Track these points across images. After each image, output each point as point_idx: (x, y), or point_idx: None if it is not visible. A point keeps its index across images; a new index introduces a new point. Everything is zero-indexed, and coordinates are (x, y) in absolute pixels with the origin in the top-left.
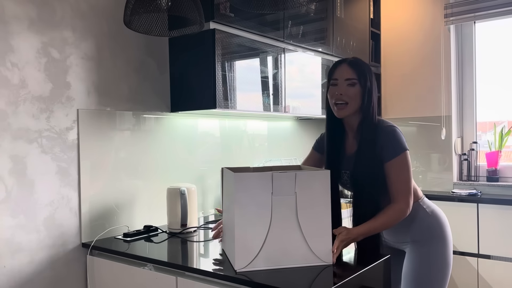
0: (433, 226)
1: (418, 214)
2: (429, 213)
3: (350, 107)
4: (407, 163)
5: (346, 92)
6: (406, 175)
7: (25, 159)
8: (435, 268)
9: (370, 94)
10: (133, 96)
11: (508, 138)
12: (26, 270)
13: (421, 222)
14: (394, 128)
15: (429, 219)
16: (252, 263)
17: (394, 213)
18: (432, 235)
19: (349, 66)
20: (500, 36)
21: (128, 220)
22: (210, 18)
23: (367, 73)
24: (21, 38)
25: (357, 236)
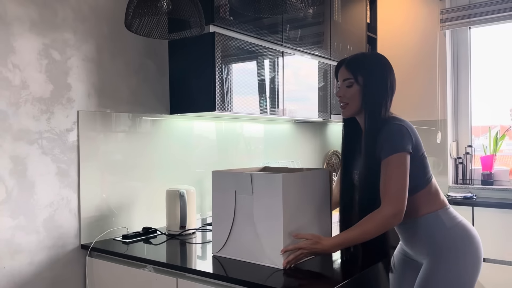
0: (451, 242)
1: (435, 226)
2: (447, 226)
3: (350, 108)
4: (400, 165)
5: (345, 93)
6: (395, 177)
7: (25, 160)
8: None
9: (370, 91)
10: (133, 98)
11: (503, 142)
12: (26, 271)
13: (437, 235)
14: (398, 126)
15: (447, 232)
16: (222, 251)
17: (376, 220)
18: (450, 251)
19: (345, 67)
20: (495, 42)
21: (127, 222)
22: (210, 21)
23: (366, 70)
24: (22, 40)
25: (329, 247)
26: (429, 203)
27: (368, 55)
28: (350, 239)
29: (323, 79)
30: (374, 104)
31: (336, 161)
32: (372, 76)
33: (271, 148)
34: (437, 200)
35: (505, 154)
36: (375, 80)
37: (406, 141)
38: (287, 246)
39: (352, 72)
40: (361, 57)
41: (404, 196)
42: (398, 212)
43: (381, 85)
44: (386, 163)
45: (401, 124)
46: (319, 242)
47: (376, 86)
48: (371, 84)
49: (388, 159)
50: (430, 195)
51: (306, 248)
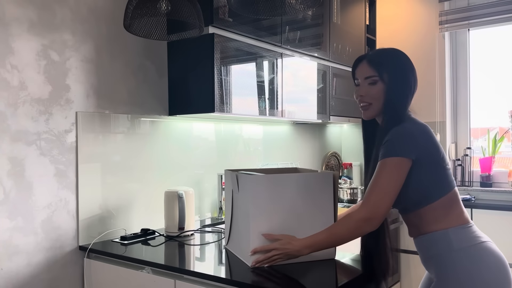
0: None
1: (439, 244)
2: (454, 247)
3: (374, 108)
4: (392, 169)
5: (368, 92)
6: (382, 181)
7: (23, 161)
8: None
9: (395, 90)
10: (132, 99)
11: (502, 144)
12: (24, 272)
13: (441, 255)
14: (407, 129)
15: (451, 254)
16: (229, 244)
17: (347, 223)
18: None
19: (368, 64)
20: (493, 44)
21: (125, 223)
22: (209, 22)
23: (391, 66)
24: (21, 41)
25: (300, 248)
26: (441, 218)
27: (391, 50)
28: (319, 241)
29: (322, 81)
30: (397, 104)
31: (335, 163)
32: (398, 72)
33: (270, 150)
34: (454, 216)
35: (504, 156)
36: (400, 77)
37: (409, 146)
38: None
39: (376, 69)
40: (385, 52)
41: (385, 203)
42: (372, 217)
43: (406, 83)
44: (379, 165)
45: (410, 128)
46: (291, 242)
47: (401, 84)
48: (397, 81)
49: (383, 160)
50: (447, 209)
51: (278, 248)
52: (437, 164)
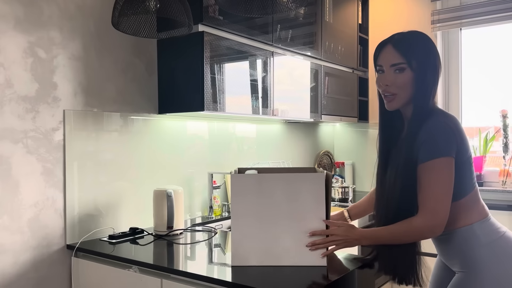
0: (487, 259)
1: (470, 242)
2: (483, 242)
3: (400, 98)
4: (443, 171)
5: (394, 81)
6: (436, 185)
7: (9, 160)
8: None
9: (424, 79)
10: (121, 97)
11: (493, 144)
12: (10, 271)
13: (472, 252)
14: (443, 124)
15: (483, 249)
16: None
17: (408, 227)
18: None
19: (394, 48)
20: (485, 43)
21: (113, 222)
22: (199, 20)
23: (420, 52)
24: (7, 38)
25: (360, 238)
26: (465, 215)
27: (418, 33)
28: (380, 237)
29: (314, 80)
30: (425, 94)
31: (327, 162)
32: (428, 59)
33: (263, 149)
34: (475, 211)
35: (496, 156)
36: (430, 64)
37: (451, 144)
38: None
39: (404, 55)
40: (414, 36)
41: (445, 208)
42: (436, 225)
43: (435, 70)
44: (427, 167)
45: (447, 123)
46: (351, 230)
47: (431, 71)
48: (427, 69)
49: (429, 163)
50: (470, 205)
51: (338, 234)
52: (466, 163)
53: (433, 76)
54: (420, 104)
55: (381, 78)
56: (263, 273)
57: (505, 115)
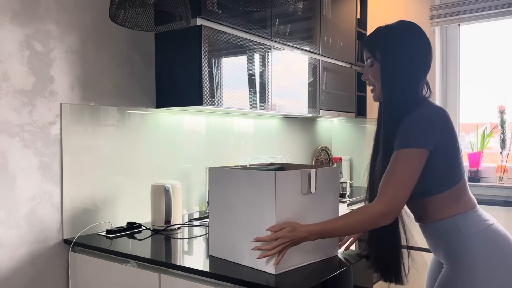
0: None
1: (452, 234)
2: (464, 234)
3: (377, 89)
4: (409, 161)
5: (368, 74)
6: (399, 174)
7: (6, 153)
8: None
9: (388, 68)
10: (118, 91)
11: (490, 140)
12: (6, 266)
13: (455, 243)
14: (423, 117)
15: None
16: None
17: (363, 215)
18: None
19: (364, 45)
20: (483, 39)
21: (111, 216)
22: (197, 14)
23: (383, 43)
24: (3, 30)
25: (307, 234)
26: (450, 206)
27: (389, 26)
28: (330, 230)
29: (313, 75)
30: (392, 84)
31: (325, 157)
32: (390, 49)
33: (260, 144)
34: (460, 203)
35: (493, 151)
36: (394, 53)
37: (426, 136)
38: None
39: (370, 49)
40: (379, 30)
41: (403, 196)
42: (390, 211)
43: (403, 59)
44: (395, 155)
45: (427, 115)
46: (295, 229)
47: (395, 61)
48: (389, 59)
49: (398, 151)
50: (455, 197)
51: (284, 236)
52: (452, 154)
53: (403, 66)
54: (389, 95)
55: (363, 73)
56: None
57: (502, 111)
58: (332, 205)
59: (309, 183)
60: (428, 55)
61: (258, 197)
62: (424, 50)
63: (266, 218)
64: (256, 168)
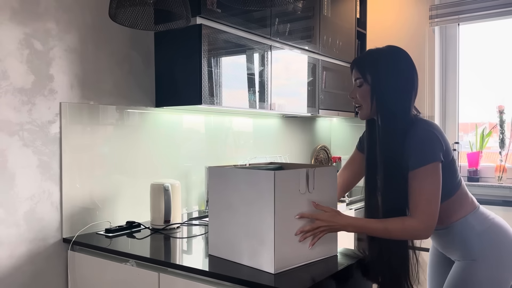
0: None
1: (467, 232)
2: (478, 231)
3: (364, 109)
4: (432, 176)
5: (356, 94)
6: (427, 190)
7: (5, 152)
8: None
9: (380, 90)
10: (117, 90)
11: (489, 139)
12: (6, 264)
13: (470, 241)
14: (427, 133)
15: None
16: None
17: (402, 226)
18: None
19: (355, 65)
20: (483, 39)
21: (110, 215)
22: (197, 13)
23: (375, 67)
24: (2, 29)
25: (346, 225)
26: (458, 209)
27: (381, 50)
28: (370, 229)
29: (312, 74)
30: (387, 105)
31: (324, 156)
32: (382, 73)
33: (260, 143)
34: (466, 204)
35: (492, 151)
36: (385, 77)
37: (437, 149)
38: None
39: (360, 71)
40: (371, 53)
41: (436, 210)
42: (429, 228)
43: (394, 82)
44: (417, 174)
45: (430, 130)
46: (337, 215)
47: (387, 84)
48: (381, 82)
49: (419, 170)
50: (460, 200)
51: (324, 220)
52: (451, 162)
53: (394, 88)
54: (385, 114)
55: (351, 92)
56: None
57: (501, 111)
58: (331, 204)
59: (307, 183)
60: (415, 79)
61: (257, 196)
62: (412, 74)
63: (265, 217)
64: (255, 167)
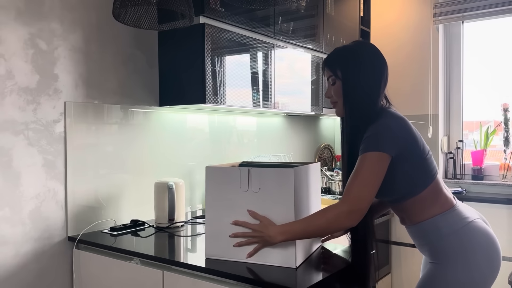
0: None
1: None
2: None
3: (340, 105)
4: (373, 164)
5: (330, 91)
6: (363, 175)
7: (11, 151)
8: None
9: (349, 85)
10: (121, 89)
11: (494, 138)
12: (11, 262)
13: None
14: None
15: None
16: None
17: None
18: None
19: (325, 65)
20: (487, 37)
21: (115, 214)
22: (200, 12)
23: (343, 62)
24: (8, 29)
25: (275, 234)
26: (428, 208)
27: (347, 46)
28: (295, 230)
29: (316, 73)
30: (355, 99)
31: (328, 155)
32: (350, 67)
33: (263, 142)
34: (437, 204)
35: (497, 150)
36: (354, 71)
37: (389, 142)
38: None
39: (331, 69)
40: (338, 51)
41: (367, 197)
42: (354, 210)
43: (363, 77)
44: (359, 159)
45: (388, 123)
46: (268, 226)
47: (356, 78)
48: (350, 76)
49: (362, 155)
50: (430, 199)
51: (256, 230)
52: (419, 156)
53: (363, 82)
54: (350, 108)
55: (325, 91)
56: (272, 265)
57: (506, 109)
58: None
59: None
60: (385, 71)
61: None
62: (380, 66)
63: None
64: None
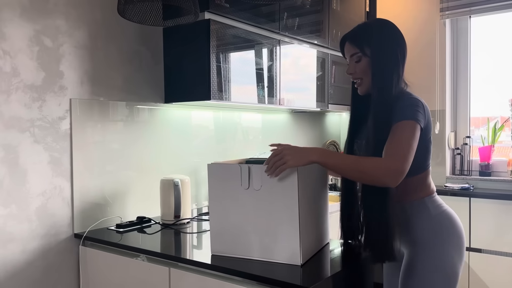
0: (436, 229)
1: (421, 213)
2: (432, 214)
3: (365, 83)
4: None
5: (355, 68)
6: (405, 139)
7: (17, 148)
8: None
9: (380, 62)
10: (127, 86)
11: (501, 133)
12: (18, 259)
13: (423, 222)
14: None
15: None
16: None
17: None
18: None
19: (350, 41)
20: (495, 31)
21: (121, 211)
22: (205, 8)
23: (372, 39)
24: (13, 26)
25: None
26: (420, 189)
27: (371, 23)
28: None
29: (321, 69)
30: (385, 76)
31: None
32: (380, 44)
33: (268, 138)
34: (427, 187)
35: (504, 145)
36: (384, 48)
37: (420, 115)
38: None
39: (357, 45)
40: (364, 27)
41: (410, 159)
42: (399, 169)
43: (391, 54)
44: (399, 125)
45: (418, 99)
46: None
47: (386, 55)
48: (379, 53)
49: (401, 122)
50: (423, 181)
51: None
52: (429, 140)
53: (390, 59)
54: (383, 86)
55: (347, 68)
56: (278, 262)
57: None
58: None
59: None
60: (405, 48)
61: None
62: (403, 43)
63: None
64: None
